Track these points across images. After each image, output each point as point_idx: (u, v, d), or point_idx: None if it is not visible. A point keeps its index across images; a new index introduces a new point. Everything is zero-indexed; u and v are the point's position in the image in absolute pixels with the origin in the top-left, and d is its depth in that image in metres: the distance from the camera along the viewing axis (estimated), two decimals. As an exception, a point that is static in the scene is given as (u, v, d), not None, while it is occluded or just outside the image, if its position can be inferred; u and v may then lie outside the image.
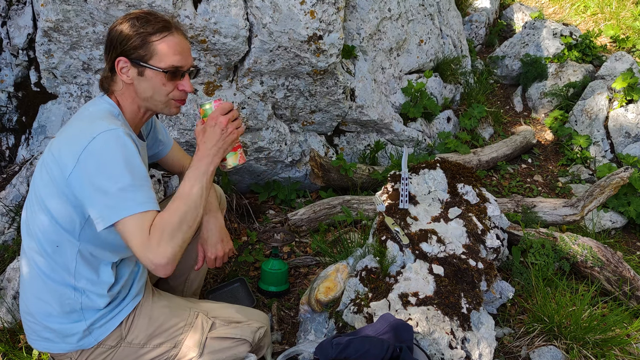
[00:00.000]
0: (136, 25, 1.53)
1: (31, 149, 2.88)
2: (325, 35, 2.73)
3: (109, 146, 1.41)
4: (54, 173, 1.46)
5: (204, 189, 1.50)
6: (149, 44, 1.54)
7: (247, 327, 1.75)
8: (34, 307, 1.58)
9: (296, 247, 2.82)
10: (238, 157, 1.64)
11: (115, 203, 1.38)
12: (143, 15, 1.55)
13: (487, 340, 1.88)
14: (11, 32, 2.82)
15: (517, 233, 2.63)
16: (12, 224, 2.52)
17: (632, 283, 2.43)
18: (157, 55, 1.55)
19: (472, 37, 5.62)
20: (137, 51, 1.53)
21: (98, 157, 1.40)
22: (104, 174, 1.39)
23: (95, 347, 1.60)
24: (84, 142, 1.41)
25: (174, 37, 1.57)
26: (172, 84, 1.59)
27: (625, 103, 4.16)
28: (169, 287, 2.10)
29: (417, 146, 3.62)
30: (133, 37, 1.52)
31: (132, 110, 1.63)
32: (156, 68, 1.55)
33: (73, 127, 1.55)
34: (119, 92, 1.61)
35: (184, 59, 1.59)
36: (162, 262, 1.38)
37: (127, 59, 1.55)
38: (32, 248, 1.56)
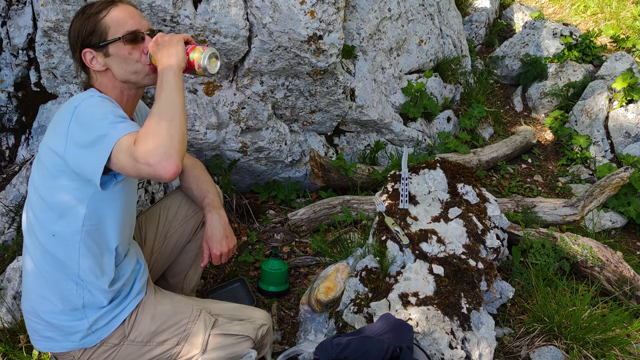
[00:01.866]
0: (82, 14, 1.56)
1: (31, 149, 2.88)
2: (325, 35, 2.73)
3: (89, 106, 1.43)
4: (50, 162, 1.46)
5: (179, 89, 1.46)
6: (98, 22, 1.55)
7: (250, 324, 1.75)
8: (37, 306, 1.59)
9: (296, 247, 2.82)
10: (201, 50, 1.57)
11: (101, 141, 1.37)
12: (86, 4, 1.60)
13: (487, 340, 1.88)
14: (11, 32, 2.82)
15: (517, 233, 2.63)
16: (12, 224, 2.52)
17: (632, 283, 2.43)
18: (110, 29, 1.55)
19: (472, 37, 5.62)
20: (93, 36, 1.55)
21: (79, 119, 1.41)
22: (86, 127, 1.40)
23: (98, 346, 1.60)
24: (67, 117, 1.42)
25: (118, 7, 1.58)
26: (137, 51, 1.57)
27: (625, 103, 4.16)
28: (168, 284, 2.10)
29: (417, 146, 3.62)
30: (84, 25, 1.55)
31: (116, 96, 1.62)
32: (114, 39, 1.55)
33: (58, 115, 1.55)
34: (98, 84, 1.62)
35: (136, 23, 1.58)
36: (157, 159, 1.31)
37: (90, 48, 1.56)
38: (33, 245, 1.56)
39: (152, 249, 2.00)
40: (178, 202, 2.03)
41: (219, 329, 1.71)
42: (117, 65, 1.57)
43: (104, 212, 1.54)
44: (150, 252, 1.99)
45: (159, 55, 1.51)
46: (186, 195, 2.03)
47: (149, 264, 1.98)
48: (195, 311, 1.72)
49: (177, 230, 2.01)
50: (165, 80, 1.46)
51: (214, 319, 1.72)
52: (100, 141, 1.37)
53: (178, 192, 2.06)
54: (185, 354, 1.68)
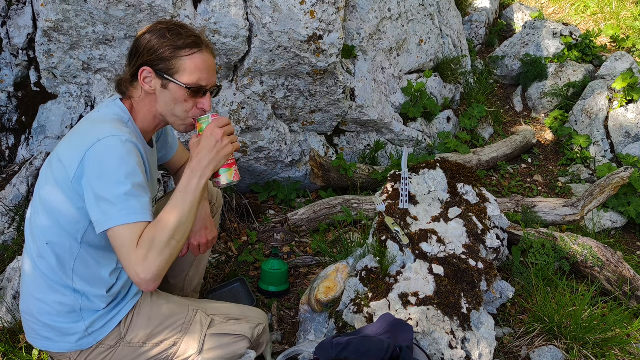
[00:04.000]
0: (167, 37, 1.51)
1: (31, 149, 2.88)
2: (325, 35, 2.73)
3: (111, 151, 1.40)
4: (58, 174, 1.46)
5: (195, 202, 1.47)
6: (177, 58, 1.52)
7: (246, 324, 1.75)
8: (33, 307, 1.59)
9: (296, 247, 2.82)
10: (232, 174, 1.61)
11: (110, 210, 1.38)
12: (175, 28, 1.53)
13: (487, 340, 1.88)
14: (11, 32, 2.82)
15: (517, 233, 2.63)
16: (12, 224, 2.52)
17: (632, 283, 2.43)
18: (183, 70, 1.53)
19: (472, 37, 5.62)
20: (164, 63, 1.52)
21: (99, 161, 1.40)
22: (103, 179, 1.39)
23: (94, 347, 1.60)
24: (88, 144, 1.40)
25: (203, 55, 1.55)
26: (193, 101, 1.57)
27: (625, 103, 4.16)
28: (169, 285, 2.10)
29: (417, 146, 3.62)
30: (162, 49, 1.51)
31: (146, 119, 1.62)
32: (180, 83, 1.53)
33: (80, 128, 1.55)
34: (137, 99, 1.60)
35: (208, 78, 1.57)
36: (148, 277, 1.36)
37: (152, 69, 1.53)
38: (34, 249, 1.56)
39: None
40: None
41: (215, 329, 1.71)
42: (165, 100, 1.57)
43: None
44: None
45: (204, 151, 1.49)
46: None
47: None
48: (191, 312, 1.72)
49: None
50: (195, 187, 1.46)
51: (210, 319, 1.72)
52: (106, 207, 1.38)
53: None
54: (182, 355, 1.68)
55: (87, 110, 2.87)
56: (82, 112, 2.87)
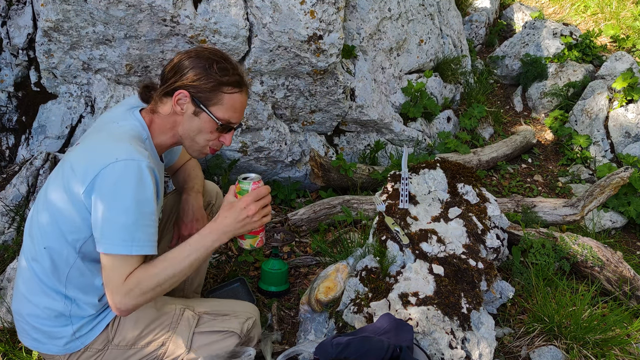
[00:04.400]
0: (213, 69, 1.52)
1: (31, 148, 2.88)
2: (325, 35, 2.73)
3: (127, 177, 1.39)
4: (69, 182, 1.45)
5: (199, 261, 1.47)
6: (218, 92, 1.54)
7: (234, 319, 1.74)
8: (24, 308, 1.58)
9: (296, 247, 2.82)
10: (257, 241, 1.60)
11: (113, 235, 1.39)
12: (222, 62, 1.55)
13: (487, 340, 1.88)
14: (11, 32, 2.82)
15: (517, 233, 2.63)
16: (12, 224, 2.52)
17: (632, 283, 2.43)
18: (220, 105, 1.56)
19: (472, 37, 5.62)
20: (203, 94, 1.53)
21: (114, 184, 1.39)
22: (114, 203, 1.39)
23: (82, 351, 1.60)
24: (105, 162, 1.39)
25: (242, 95, 1.59)
26: (217, 134, 1.61)
27: (625, 103, 4.16)
28: (169, 286, 2.10)
29: (417, 146, 3.62)
30: (206, 81, 1.52)
31: (164, 137, 1.62)
32: (213, 117, 1.56)
33: (98, 139, 1.53)
34: (161, 115, 1.59)
35: (239, 117, 1.62)
36: (122, 309, 1.41)
37: (189, 95, 1.53)
38: (31, 250, 1.56)
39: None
40: (172, 203, 2.03)
41: (203, 327, 1.70)
42: (191, 126, 1.58)
43: None
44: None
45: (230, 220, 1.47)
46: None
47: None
48: (178, 310, 1.71)
49: (171, 230, 2.01)
50: (207, 247, 1.47)
51: (197, 317, 1.72)
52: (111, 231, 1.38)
53: (175, 193, 2.06)
54: (171, 354, 1.67)
55: (87, 110, 2.87)
56: (82, 112, 2.87)
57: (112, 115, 1.65)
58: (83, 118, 2.88)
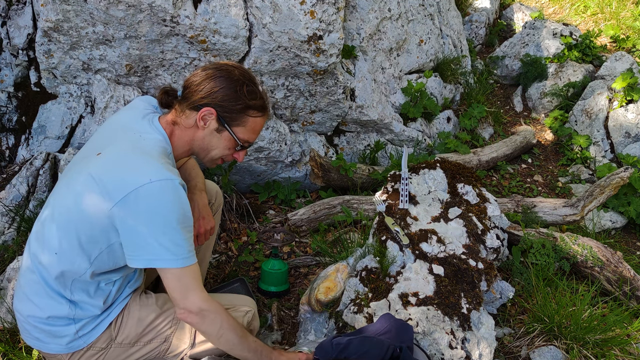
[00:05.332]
0: (243, 92, 1.57)
1: (31, 149, 2.88)
2: (325, 35, 2.73)
3: (165, 198, 1.41)
4: (91, 193, 1.44)
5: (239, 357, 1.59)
6: (245, 115, 1.60)
7: (234, 313, 1.75)
8: (26, 308, 1.58)
9: (296, 247, 2.82)
10: None
11: (159, 253, 1.42)
12: (250, 84, 1.59)
13: (487, 340, 1.88)
14: (11, 32, 2.82)
15: (517, 233, 2.63)
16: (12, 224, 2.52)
17: (632, 283, 2.43)
18: (243, 126, 1.62)
19: (472, 37, 5.62)
20: (230, 114, 1.58)
21: (151, 204, 1.40)
22: (153, 223, 1.40)
23: (85, 350, 1.60)
24: (138, 181, 1.39)
25: (263, 120, 1.67)
26: (233, 151, 1.68)
27: (625, 103, 4.16)
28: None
29: (417, 146, 3.62)
30: (234, 102, 1.57)
31: (182, 149, 1.65)
32: (235, 137, 1.62)
33: (124, 151, 1.51)
34: (182, 126, 1.61)
35: (256, 138, 1.70)
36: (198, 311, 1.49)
37: (216, 113, 1.57)
38: (38, 253, 1.54)
39: None
40: None
41: None
42: (210, 141, 1.63)
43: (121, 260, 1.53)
44: None
45: None
46: None
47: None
48: None
49: None
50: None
51: None
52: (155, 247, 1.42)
53: None
54: (174, 350, 1.68)
55: (87, 111, 2.87)
56: (82, 112, 2.87)
57: (129, 122, 1.62)
58: (83, 118, 2.88)
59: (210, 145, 1.64)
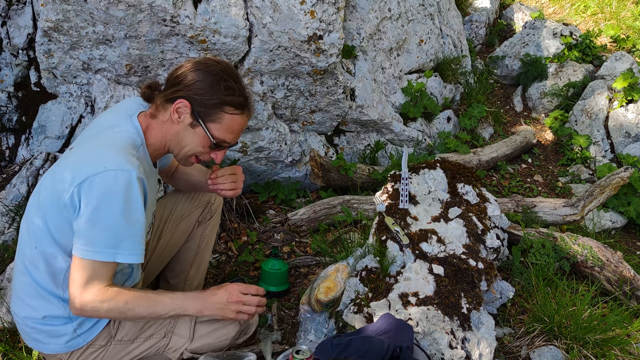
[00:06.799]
0: (220, 86, 1.51)
1: (31, 148, 2.88)
2: (325, 35, 2.73)
3: (116, 187, 1.39)
4: (57, 186, 1.45)
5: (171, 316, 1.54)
6: (220, 111, 1.53)
7: None
8: (22, 310, 1.58)
9: (296, 247, 2.82)
10: None
11: (98, 242, 1.41)
12: (230, 81, 1.53)
13: (487, 340, 1.88)
14: (11, 32, 2.82)
15: (517, 233, 2.62)
16: (12, 224, 2.52)
17: (632, 283, 2.43)
18: (218, 124, 1.55)
19: (472, 37, 5.62)
20: (204, 109, 1.52)
21: (101, 193, 1.39)
22: (100, 212, 1.40)
23: (85, 348, 1.60)
24: (95, 169, 1.40)
25: (242, 118, 1.58)
26: (209, 150, 1.61)
27: (625, 103, 4.16)
28: (170, 285, 2.10)
29: (417, 146, 3.62)
30: (210, 96, 1.51)
31: (157, 144, 1.61)
32: (209, 134, 1.55)
33: (91, 145, 1.52)
34: (158, 121, 1.58)
35: (235, 138, 1.61)
36: (82, 311, 1.45)
37: (190, 106, 1.52)
38: (26, 253, 1.55)
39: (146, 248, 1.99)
40: (173, 202, 2.03)
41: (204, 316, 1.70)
42: (187, 138, 1.57)
43: None
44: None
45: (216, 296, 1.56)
46: (182, 196, 2.03)
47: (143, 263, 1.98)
48: None
49: (170, 229, 2.01)
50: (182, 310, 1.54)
51: None
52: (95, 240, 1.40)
53: (173, 192, 2.07)
54: (174, 345, 1.68)
55: (87, 110, 2.87)
56: (82, 112, 2.87)
57: (109, 120, 1.63)
58: (83, 118, 2.88)
59: (184, 141, 1.58)
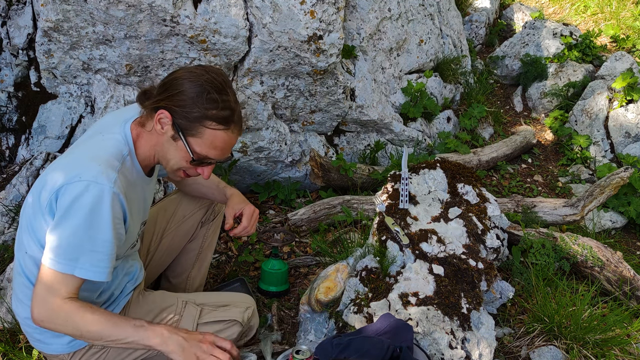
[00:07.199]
0: (203, 98, 1.41)
1: (31, 149, 2.88)
2: (325, 35, 2.73)
3: (84, 199, 1.35)
4: (42, 191, 1.43)
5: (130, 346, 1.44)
6: (200, 124, 1.42)
7: (235, 309, 1.75)
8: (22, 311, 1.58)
9: (296, 247, 2.82)
10: None
11: (58, 251, 1.36)
12: (213, 93, 1.42)
13: (487, 340, 1.88)
14: (11, 32, 2.82)
15: (517, 233, 2.63)
16: (12, 224, 2.52)
17: (632, 283, 2.43)
18: (199, 138, 1.44)
19: (472, 37, 5.61)
20: (185, 121, 1.43)
21: (69, 202, 1.35)
22: (64, 221, 1.36)
23: (87, 348, 1.59)
24: (69, 178, 1.37)
25: (226, 134, 1.46)
26: (190, 165, 1.52)
27: (625, 103, 4.16)
28: (171, 285, 2.11)
29: (417, 146, 3.62)
30: (191, 108, 1.41)
31: (147, 153, 1.55)
32: (189, 149, 1.46)
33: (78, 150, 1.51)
34: (147, 130, 1.52)
35: (220, 155, 1.51)
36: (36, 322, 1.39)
37: (171, 117, 1.44)
38: (21, 257, 1.54)
39: (148, 249, 2.00)
40: (176, 203, 2.02)
41: (206, 318, 1.71)
42: (168, 149, 1.49)
43: None
44: (146, 252, 2.00)
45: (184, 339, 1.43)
46: (185, 196, 2.02)
47: (145, 263, 1.98)
48: (180, 303, 1.72)
49: (173, 230, 2.01)
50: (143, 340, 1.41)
51: (200, 308, 1.72)
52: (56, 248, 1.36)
53: (177, 193, 2.06)
54: None
55: (87, 110, 2.87)
56: (82, 112, 2.87)
57: (104, 124, 1.59)
58: (83, 118, 2.88)
59: (168, 154, 1.50)
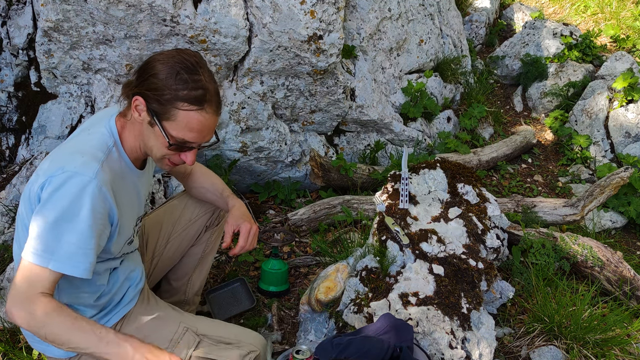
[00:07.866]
0: (173, 79, 1.36)
1: (31, 148, 2.88)
2: (326, 35, 2.73)
3: (65, 190, 1.32)
4: (32, 186, 1.42)
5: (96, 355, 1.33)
6: (173, 106, 1.37)
7: (236, 350, 1.61)
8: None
9: (296, 247, 2.82)
10: None
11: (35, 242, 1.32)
12: (183, 73, 1.37)
13: (487, 340, 1.88)
14: (11, 32, 2.82)
15: (517, 233, 2.63)
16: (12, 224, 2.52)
17: (632, 283, 2.43)
18: (174, 122, 1.39)
19: (472, 37, 5.61)
20: (158, 105, 1.38)
21: (49, 193, 1.33)
22: (43, 211, 1.33)
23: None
24: (53, 171, 1.35)
25: (200, 114, 1.39)
26: (171, 151, 1.46)
27: (625, 103, 4.16)
28: (171, 287, 2.09)
29: (417, 146, 3.62)
30: (163, 91, 1.36)
31: (133, 145, 1.52)
32: (164, 134, 1.40)
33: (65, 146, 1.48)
34: (129, 120, 1.49)
35: (199, 138, 1.44)
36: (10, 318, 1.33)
37: (145, 102, 1.39)
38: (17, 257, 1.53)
39: (153, 253, 1.97)
40: (182, 205, 1.99)
41: (202, 351, 1.59)
42: (149, 136, 1.45)
43: None
44: (151, 256, 1.97)
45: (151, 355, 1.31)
46: (191, 199, 1.99)
47: (150, 267, 1.96)
48: (180, 329, 1.64)
49: (180, 233, 1.98)
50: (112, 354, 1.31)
51: (199, 339, 1.62)
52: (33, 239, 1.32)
53: (183, 195, 2.02)
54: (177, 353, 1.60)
55: (87, 110, 2.87)
56: (82, 112, 2.87)
57: (91, 122, 1.57)
58: (83, 118, 2.88)
59: (149, 142, 1.45)
